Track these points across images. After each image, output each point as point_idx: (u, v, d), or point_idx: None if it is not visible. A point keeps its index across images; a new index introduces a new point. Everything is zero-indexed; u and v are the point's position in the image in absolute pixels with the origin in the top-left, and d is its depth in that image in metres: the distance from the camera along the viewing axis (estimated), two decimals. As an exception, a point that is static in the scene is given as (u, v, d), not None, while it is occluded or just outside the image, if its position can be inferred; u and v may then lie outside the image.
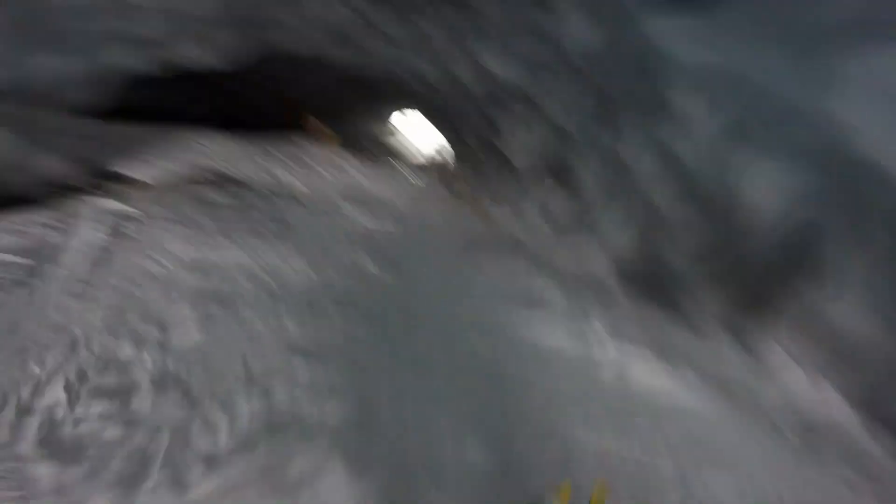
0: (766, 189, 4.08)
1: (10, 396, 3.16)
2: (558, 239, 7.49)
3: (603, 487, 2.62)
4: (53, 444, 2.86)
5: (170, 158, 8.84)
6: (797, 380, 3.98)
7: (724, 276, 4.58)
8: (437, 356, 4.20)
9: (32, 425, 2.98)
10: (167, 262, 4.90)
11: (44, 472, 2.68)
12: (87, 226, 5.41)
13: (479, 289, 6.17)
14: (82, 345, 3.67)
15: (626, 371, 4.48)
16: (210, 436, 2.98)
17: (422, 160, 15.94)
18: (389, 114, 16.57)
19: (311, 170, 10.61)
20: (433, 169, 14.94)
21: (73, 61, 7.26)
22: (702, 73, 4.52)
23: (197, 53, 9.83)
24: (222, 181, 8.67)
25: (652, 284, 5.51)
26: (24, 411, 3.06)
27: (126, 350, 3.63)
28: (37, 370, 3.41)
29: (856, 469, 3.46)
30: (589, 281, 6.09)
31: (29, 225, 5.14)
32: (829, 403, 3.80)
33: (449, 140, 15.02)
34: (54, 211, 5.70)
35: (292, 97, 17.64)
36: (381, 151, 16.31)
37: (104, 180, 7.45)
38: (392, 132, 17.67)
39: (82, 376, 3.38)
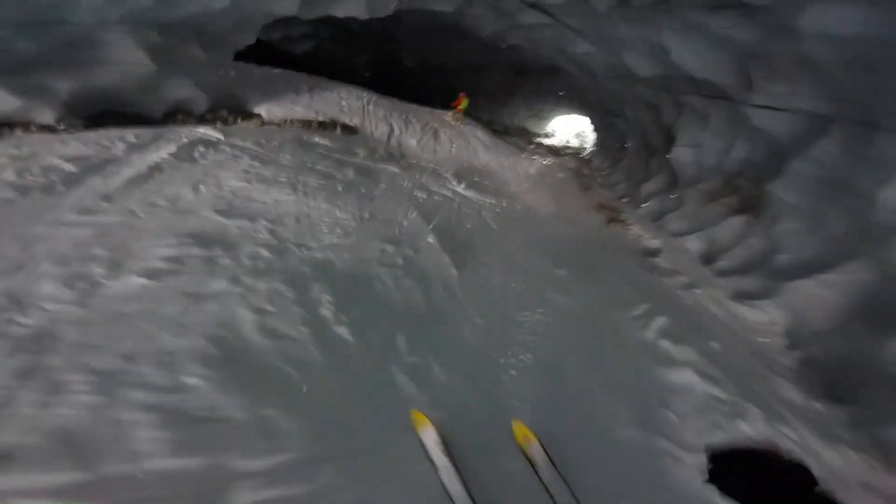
0: None
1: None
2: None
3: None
4: None
5: (294, 100, 8.50)
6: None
7: None
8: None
9: None
10: (201, 193, 4.03)
11: None
12: (163, 147, 5.01)
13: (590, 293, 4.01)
14: (42, 260, 2.89)
15: None
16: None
17: (564, 151, 13.90)
18: (542, 99, 15.16)
19: (435, 140, 9.38)
20: (571, 162, 12.67)
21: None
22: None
23: (356, 9, 9.38)
24: (336, 129, 7.98)
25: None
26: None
27: (47, 288, 2.64)
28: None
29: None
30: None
31: (109, 139, 4.92)
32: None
33: (601, 139, 13.07)
34: (148, 129, 5.52)
35: (447, 68, 17.42)
36: (521, 135, 14.65)
37: (225, 111, 7.40)
38: (540, 119, 16.23)
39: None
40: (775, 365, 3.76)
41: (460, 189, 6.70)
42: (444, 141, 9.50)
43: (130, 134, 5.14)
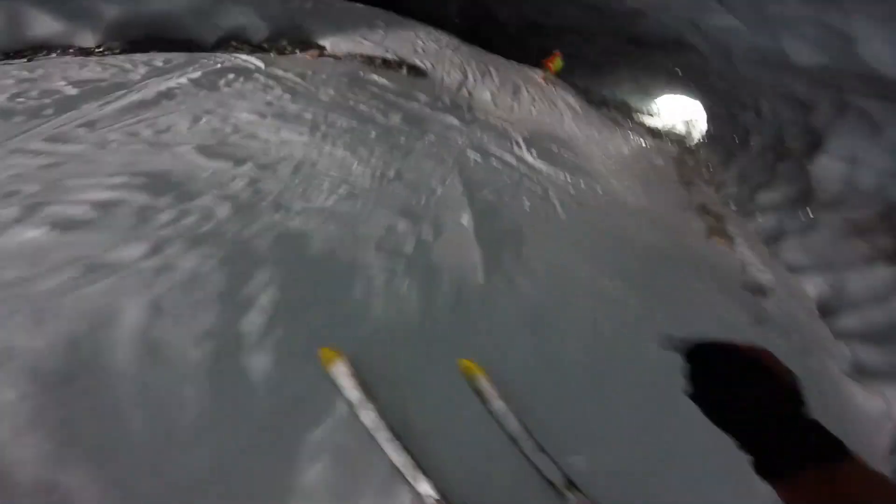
0: None
1: None
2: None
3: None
4: None
5: (366, 35, 7.49)
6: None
7: None
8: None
9: None
10: (198, 126, 3.22)
11: None
12: (187, 72, 4.34)
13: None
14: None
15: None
16: None
17: (667, 135, 11.38)
18: (652, 74, 12.57)
19: (514, 97, 7.80)
20: (673, 148, 10.31)
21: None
22: None
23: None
24: (402, 69, 6.87)
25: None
26: None
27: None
28: None
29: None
30: None
31: (133, 63, 4.34)
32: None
33: (716, 129, 10.37)
34: (183, 54, 4.90)
35: (547, 26, 15.23)
36: (620, 111, 12.26)
37: (285, 41, 6.65)
38: (645, 95, 13.47)
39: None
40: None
41: (529, 157, 5.28)
42: (524, 99, 7.92)
43: (161, 58, 4.54)
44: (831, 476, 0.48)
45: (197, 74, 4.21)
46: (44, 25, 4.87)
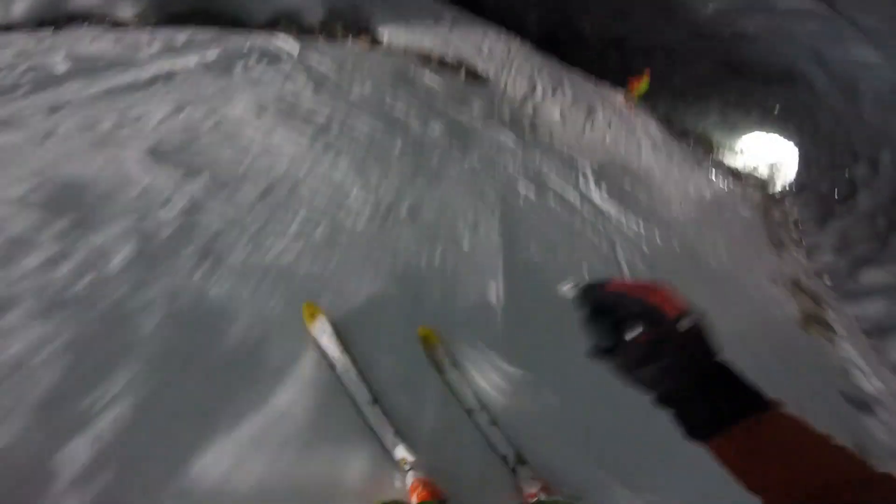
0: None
1: None
2: None
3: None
4: None
5: (429, 29, 6.69)
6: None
7: None
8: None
9: None
10: (173, 119, 2.49)
11: None
12: (205, 53, 3.72)
13: None
14: None
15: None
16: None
17: (748, 177, 9.86)
18: (745, 109, 11.46)
19: (587, 118, 6.62)
20: (755, 194, 8.72)
21: None
22: None
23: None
24: (460, 72, 5.98)
25: None
26: None
27: None
28: None
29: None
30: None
31: (150, 40, 3.79)
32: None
33: (812, 178, 8.83)
34: (213, 31, 4.30)
35: (633, 46, 13.83)
36: (700, 144, 10.56)
37: (340, 26, 5.99)
38: (731, 131, 12.10)
39: None
40: None
41: (596, 195, 4.18)
42: (599, 122, 6.73)
43: (185, 34, 3.97)
44: (756, 426, 0.49)
45: (212, 57, 3.56)
46: (86, -7, 4.53)
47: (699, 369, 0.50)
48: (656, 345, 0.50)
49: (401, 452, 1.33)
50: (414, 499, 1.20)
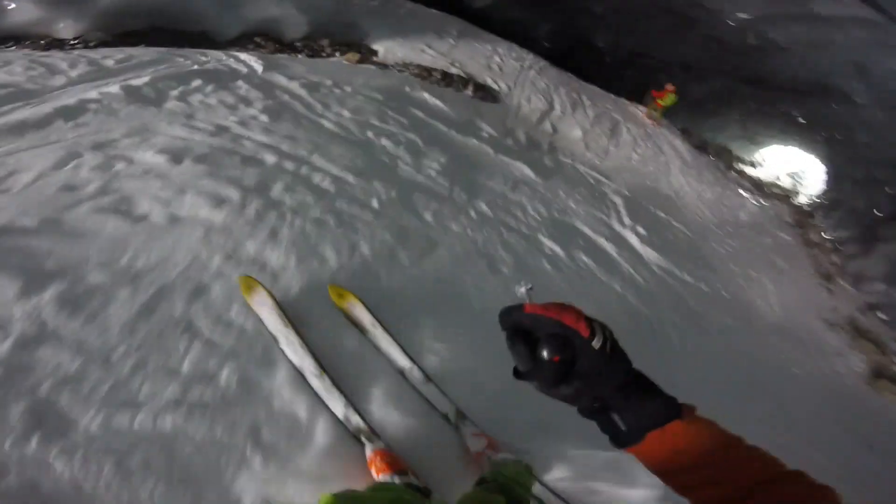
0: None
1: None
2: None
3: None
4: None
5: (431, 42, 5.91)
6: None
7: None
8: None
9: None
10: (54, 174, 1.65)
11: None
12: (128, 77, 2.92)
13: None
14: None
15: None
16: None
17: (770, 188, 8.87)
18: (768, 121, 10.92)
19: (612, 137, 5.72)
20: (786, 212, 7.73)
21: None
22: None
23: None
24: (467, 88, 5.15)
25: None
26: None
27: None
28: None
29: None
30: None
31: (72, 62, 2.94)
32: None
33: (845, 194, 8.33)
34: (159, 50, 3.53)
35: (651, 58, 13.14)
36: (720, 157, 9.58)
37: (326, 41, 5.21)
38: (751, 143, 11.07)
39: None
40: None
41: (631, 236, 3.29)
42: (624, 140, 5.85)
43: (123, 55, 3.20)
44: (675, 430, 0.50)
45: (144, 80, 2.76)
46: (23, 12, 3.87)
47: (615, 382, 0.51)
48: (571, 364, 0.50)
49: (355, 422, 1.24)
50: (373, 471, 1.13)
